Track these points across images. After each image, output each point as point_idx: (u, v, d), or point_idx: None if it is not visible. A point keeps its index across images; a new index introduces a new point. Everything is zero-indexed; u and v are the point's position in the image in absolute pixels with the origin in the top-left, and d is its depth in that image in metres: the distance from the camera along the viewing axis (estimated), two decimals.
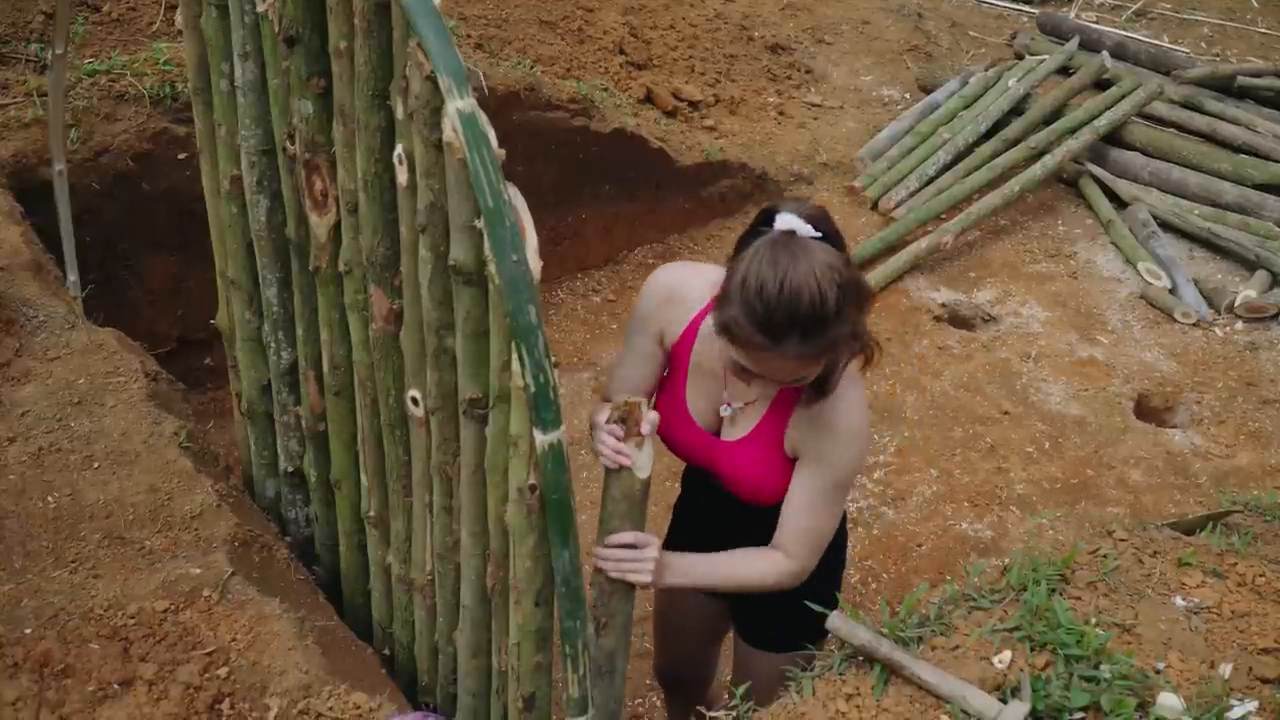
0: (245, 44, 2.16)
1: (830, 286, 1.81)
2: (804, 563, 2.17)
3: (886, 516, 4.21)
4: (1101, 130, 6.10)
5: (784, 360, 1.86)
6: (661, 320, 2.21)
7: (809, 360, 1.89)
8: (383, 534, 2.45)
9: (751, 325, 1.83)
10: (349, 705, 2.15)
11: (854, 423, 2.09)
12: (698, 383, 2.23)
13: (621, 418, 1.92)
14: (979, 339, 5.20)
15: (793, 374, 1.92)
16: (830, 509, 2.16)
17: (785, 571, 2.16)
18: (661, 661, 2.98)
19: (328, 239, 2.19)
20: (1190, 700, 1.83)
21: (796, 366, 1.89)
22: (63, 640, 2.15)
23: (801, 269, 1.81)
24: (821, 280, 1.80)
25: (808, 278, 1.80)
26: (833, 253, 1.86)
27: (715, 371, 2.18)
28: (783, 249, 1.83)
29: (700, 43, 6.45)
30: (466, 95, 1.59)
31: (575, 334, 5.02)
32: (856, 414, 2.09)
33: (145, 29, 4.26)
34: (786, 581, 2.17)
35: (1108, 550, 2.16)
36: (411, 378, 2.09)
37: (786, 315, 1.80)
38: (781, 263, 1.81)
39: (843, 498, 2.18)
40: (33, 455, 2.47)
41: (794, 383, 1.97)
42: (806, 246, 1.84)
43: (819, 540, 2.18)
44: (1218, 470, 4.50)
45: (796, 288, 1.79)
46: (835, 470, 2.12)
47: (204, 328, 3.19)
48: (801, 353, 1.85)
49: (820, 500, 2.14)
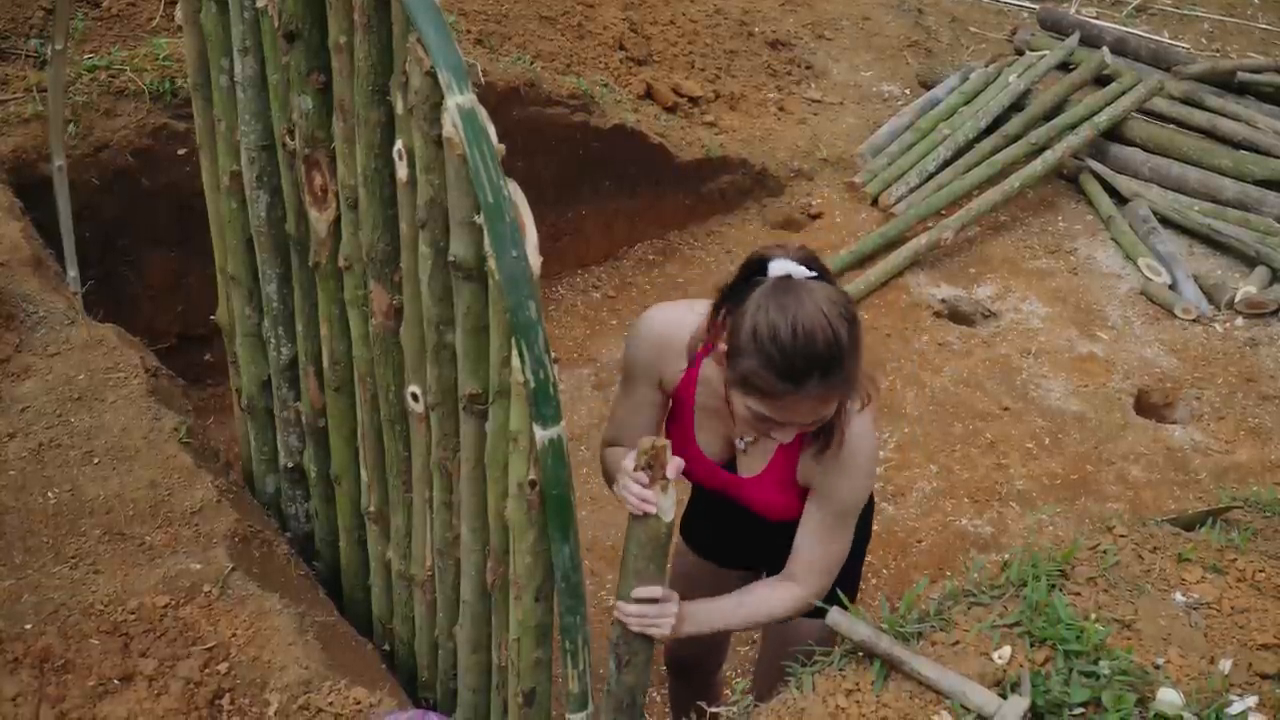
0: (245, 39, 2.16)
1: (840, 322, 1.84)
2: (817, 590, 2.19)
3: (886, 512, 4.21)
4: (1102, 126, 6.10)
5: (806, 401, 1.88)
6: (659, 367, 2.21)
7: (830, 400, 1.92)
8: (383, 529, 2.45)
9: (771, 374, 1.84)
10: (349, 700, 2.15)
11: (860, 458, 2.10)
12: (705, 422, 2.24)
13: (648, 463, 1.90)
14: (979, 335, 5.20)
15: (814, 414, 1.93)
16: (841, 537, 2.19)
17: (800, 599, 2.18)
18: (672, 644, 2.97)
19: (328, 234, 2.19)
20: (1190, 696, 1.83)
21: (817, 406, 1.91)
22: (63, 636, 2.15)
23: (809, 309, 1.82)
24: (831, 317, 1.83)
25: (818, 317, 1.82)
26: (833, 290, 1.89)
27: (722, 410, 2.16)
28: (785, 293, 1.85)
29: (700, 38, 6.44)
30: (466, 91, 1.59)
31: (575, 330, 5.02)
32: (865, 446, 2.10)
33: (145, 24, 4.25)
34: (803, 610, 2.20)
35: (1107, 546, 2.16)
36: (411, 373, 2.09)
37: (805, 358, 1.82)
38: (789, 307, 1.83)
39: (853, 524, 2.20)
40: (33, 451, 2.47)
41: (814, 424, 1.98)
42: (807, 287, 1.86)
43: (831, 567, 2.20)
44: (1217, 466, 4.50)
45: (810, 329, 1.81)
46: (845, 501, 2.15)
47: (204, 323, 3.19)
48: (823, 393, 1.87)
49: (831, 531, 2.17)
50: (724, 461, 2.27)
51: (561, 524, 1.76)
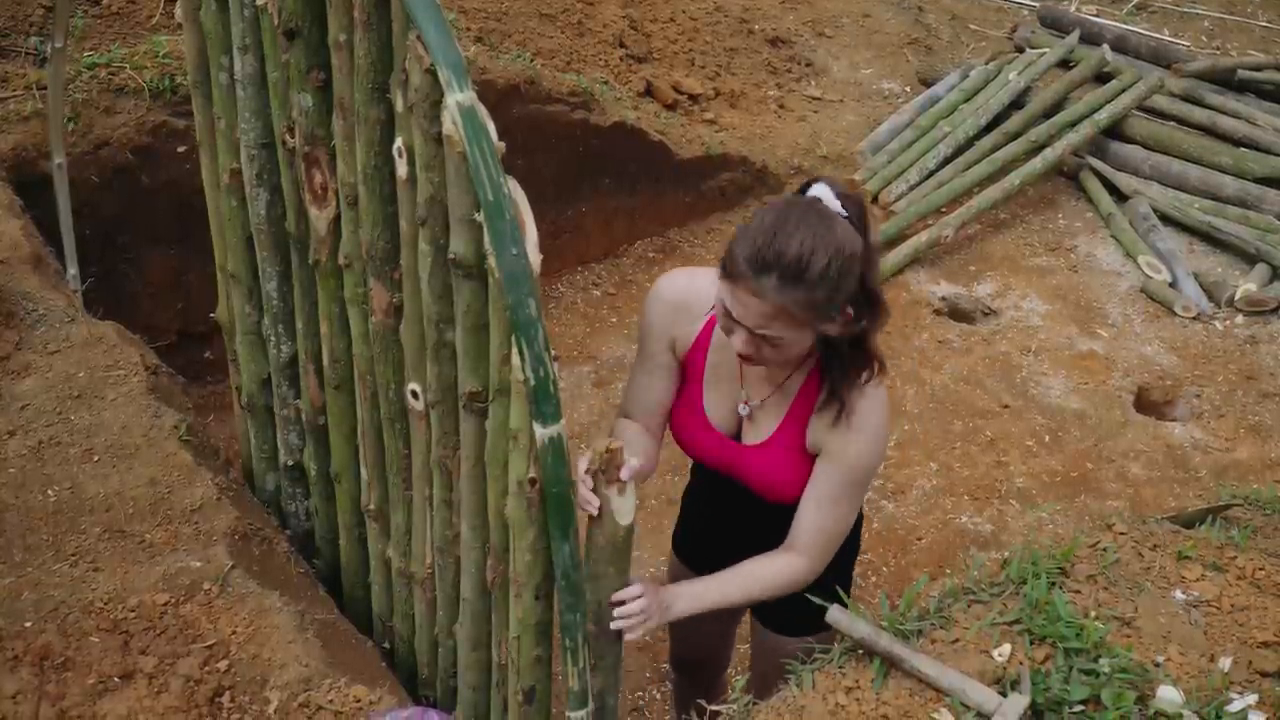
0: (245, 37, 2.16)
1: (822, 251, 1.85)
2: (816, 561, 2.16)
3: (886, 510, 4.21)
4: (1102, 124, 6.10)
5: (758, 301, 1.88)
6: (674, 329, 2.22)
7: (782, 314, 1.89)
8: (383, 527, 2.45)
9: (741, 256, 1.88)
10: (349, 698, 2.15)
11: (873, 421, 2.09)
12: (714, 387, 2.22)
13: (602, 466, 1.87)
14: (979, 333, 5.20)
15: (763, 321, 1.90)
16: (845, 507, 2.16)
17: (798, 571, 2.16)
18: (677, 646, 2.96)
19: (327, 232, 2.19)
20: (1190, 693, 1.83)
21: (769, 313, 1.89)
22: (63, 633, 2.15)
23: (805, 225, 1.87)
24: (817, 242, 1.85)
25: (805, 234, 1.86)
26: (844, 232, 1.90)
27: (732, 373, 2.18)
28: (799, 207, 1.91)
29: (700, 36, 6.44)
30: (466, 88, 1.59)
31: (575, 328, 5.02)
32: (877, 413, 2.09)
33: (145, 22, 4.25)
34: (800, 582, 2.16)
35: (1107, 544, 2.16)
36: (411, 371, 2.09)
37: (773, 254, 1.85)
38: (789, 216, 1.88)
39: (858, 497, 2.17)
40: (33, 449, 2.47)
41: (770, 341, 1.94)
42: (822, 214, 1.90)
43: (832, 539, 2.17)
44: (1217, 464, 4.50)
45: (790, 236, 1.85)
46: (852, 467, 2.11)
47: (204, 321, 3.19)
48: (777, 298, 1.86)
49: (835, 497, 2.14)
50: (731, 433, 2.25)
51: (561, 522, 1.76)
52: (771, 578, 2.16)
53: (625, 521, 1.91)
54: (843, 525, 2.18)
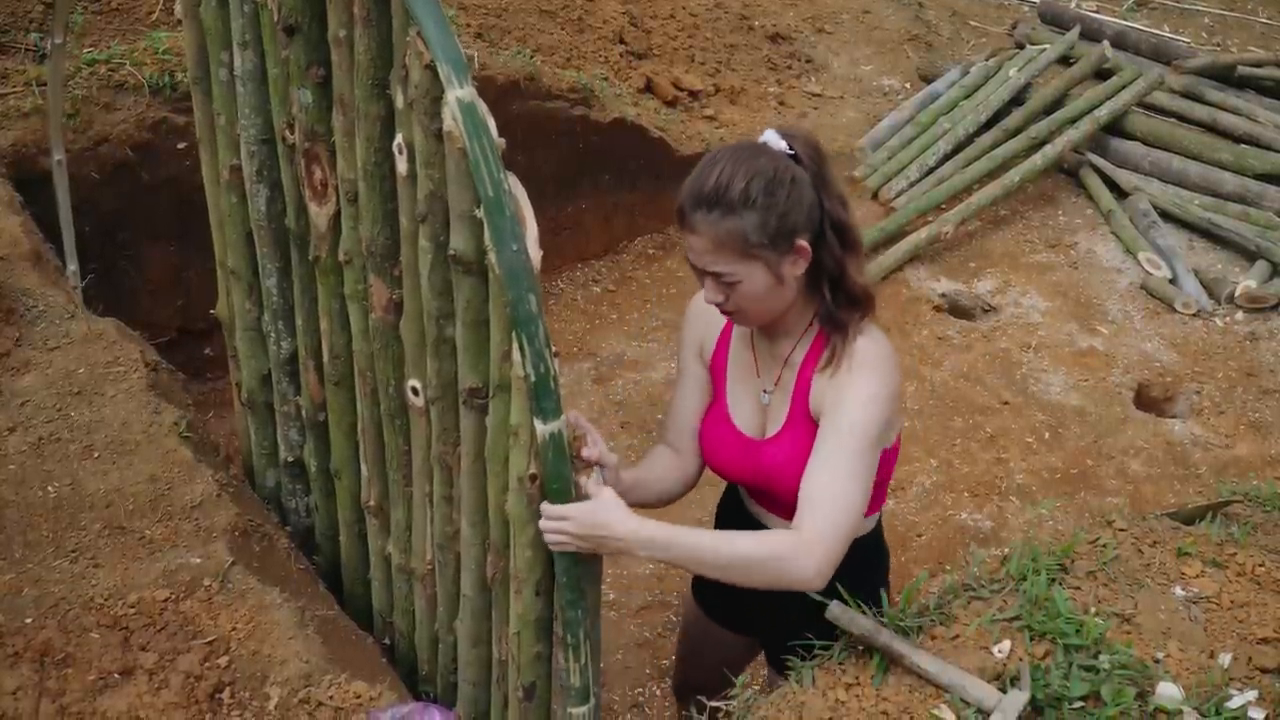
0: (244, 33, 2.16)
1: (741, 175, 1.87)
2: (819, 533, 1.83)
3: (886, 507, 4.19)
4: (1102, 120, 6.09)
5: (697, 238, 1.91)
6: (700, 336, 2.21)
7: (720, 245, 1.89)
8: (383, 524, 2.45)
9: (680, 200, 1.93)
10: (349, 694, 2.15)
11: (870, 361, 1.94)
12: (737, 384, 2.17)
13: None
14: (979, 329, 5.20)
15: (707, 258, 1.91)
16: (844, 468, 1.88)
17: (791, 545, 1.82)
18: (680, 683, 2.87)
19: (327, 229, 2.19)
20: (1189, 690, 1.83)
21: (708, 248, 1.90)
22: (63, 630, 2.15)
23: (730, 158, 1.91)
24: (739, 168, 1.88)
25: (728, 164, 1.89)
26: (773, 159, 1.92)
27: (750, 366, 2.15)
28: (731, 146, 1.95)
29: (700, 32, 6.43)
30: (466, 84, 1.59)
31: (575, 324, 5.02)
32: (873, 352, 1.95)
33: (144, 18, 4.25)
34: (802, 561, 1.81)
35: (1107, 540, 2.16)
36: (411, 367, 2.09)
37: (698, 188, 1.89)
38: (718, 154, 1.93)
39: (860, 459, 1.90)
40: (33, 445, 2.47)
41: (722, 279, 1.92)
42: (753, 148, 1.94)
43: (835, 509, 1.86)
44: (1217, 460, 4.50)
45: (712, 167, 1.90)
46: (849, 415, 1.90)
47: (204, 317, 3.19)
48: (709, 232, 1.88)
49: (834, 457, 1.90)
50: (757, 433, 2.13)
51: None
52: (755, 544, 1.84)
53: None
54: (847, 494, 1.88)
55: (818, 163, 1.97)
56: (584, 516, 1.80)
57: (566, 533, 1.81)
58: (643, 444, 4.35)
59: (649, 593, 3.75)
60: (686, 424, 2.22)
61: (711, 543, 1.86)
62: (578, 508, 1.80)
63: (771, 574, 1.83)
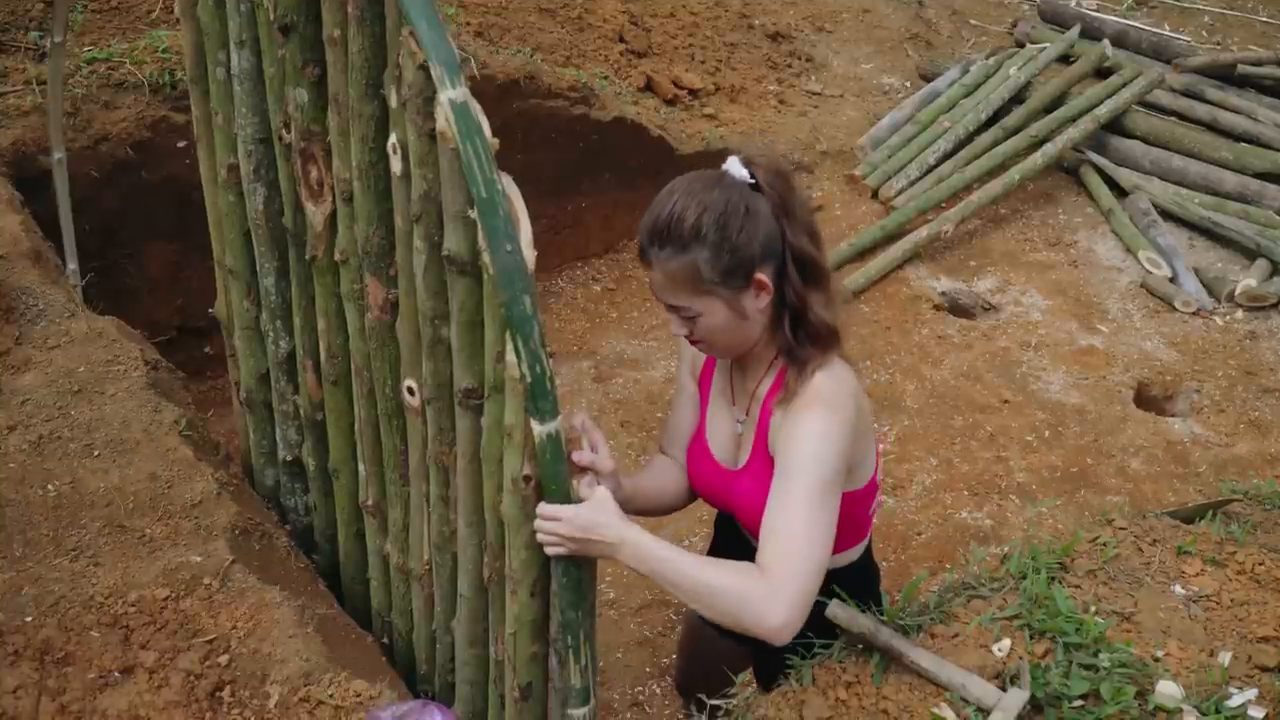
0: (241, 32, 2.16)
1: (693, 209, 1.85)
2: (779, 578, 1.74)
3: (886, 505, 4.21)
4: (1102, 118, 6.09)
5: (653, 274, 1.91)
6: (694, 353, 2.21)
7: (674, 280, 1.88)
8: (381, 523, 2.45)
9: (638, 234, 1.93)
10: (349, 692, 2.15)
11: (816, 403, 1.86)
12: (715, 411, 2.17)
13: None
14: (979, 327, 5.20)
15: (665, 293, 1.92)
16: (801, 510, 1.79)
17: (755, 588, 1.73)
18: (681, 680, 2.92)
19: (324, 228, 2.18)
20: (1189, 688, 1.83)
21: (664, 283, 1.90)
22: (63, 628, 2.15)
23: (685, 191, 1.88)
24: (691, 202, 1.85)
25: (681, 197, 1.87)
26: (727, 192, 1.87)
27: (729, 395, 2.14)
28: (687, 178, 1.92)
29: (700, 30, 6.43)
30: (459, 85, 1.59)
31: (575, 322, 5.02)
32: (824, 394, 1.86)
33: (144, 17, 4.25)
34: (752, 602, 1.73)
35: (1107, 539, 2.16)
36: (407, 367, 2.09)
37: (650, 225, 1.89)
38: (674, 188, 1.90)
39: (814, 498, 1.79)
40: (33, 443, 2.47)
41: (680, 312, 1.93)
42: (707, 179, 1.90)
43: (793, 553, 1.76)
44: (1217, 459, 4.50)
45: (664, 202, 1.88)
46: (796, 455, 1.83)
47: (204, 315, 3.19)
48: (664, 268, 1.87)
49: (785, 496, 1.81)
50: (730, 461, 2.12)
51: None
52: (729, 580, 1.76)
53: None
54: (805, 536, 1.77)
55: (782, 191, 1.91)
56: (576, 518, 1.77)
57: (557, 534, 1.79)
58: (643, 442, 4.35)
59: (649, 591, 3.74)
60: (683, 437, 2.23)
61: (689, 566, 1.79)
62: (571, 509, 1.78)
63: (733, 613, 1.75)
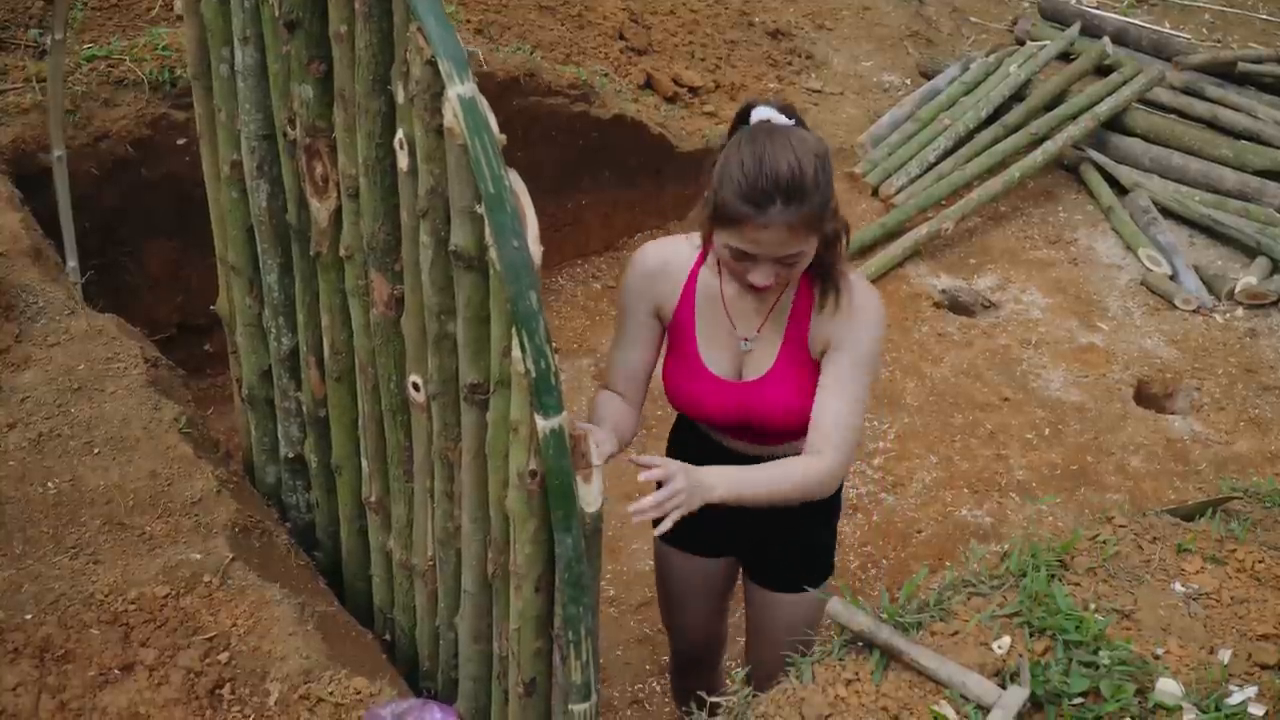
0: (245, 29, 2.16)
1: (807, 157, 1.97)
2: (841, 456, 2.17)
3: (886, 502, 4.21)
4: (1102, 116, 6.09)
5: (771, 231, 1.98)
6: (656, 294, 2.30)
7: (796, 231, 1.99)
8: (384, 519, 2.45)
9: (738, 199, 1.98)
10: (349, 690, 2.15)
11: (871, 304, 2.20)
12: (708, 336, 2.29)
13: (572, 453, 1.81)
14: (979, 325, 5.20)
15: (783, 246, 2.01)
16: (861, 393, 2.20)
17: (824, 471, 2.16)
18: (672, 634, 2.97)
19: (328, 224, 2.19)
20: (1189, 686, 1.84)
21: (785, 237, 1.99)
22: (63, 626, 2.15)
23: (779, 144, 1.98)
24: (798, 152, 1.97)
25: (785, 151, 1.97)
26: (809, 136, 2.03)
27: (721, 318, 2.26)
28: (760, 133, 2.01)
29: (701, 28, 6.43)
30: (467, 80, 1.59)
31: (575, 320, 5.02)
32: (870, 292, 2.22)
33: (144, 14, 4.25)
34: (826, 483, 2.17)
35: (1107, 536, 2.16)
36: (412, 363, 2.09)
37: (770, 183, 1.95)
38: (760, 141, 1.99)
39: (867, 385, 2.21)
40: (33, 441, 2.47)
41: (787, 262, 2.04)
42: (781, 129, 2.02)
43: (853, 430, 2.19)
44: (1217, 457, 4.51)
45: (775, 158, 1.96)
46: (863, 348, 2.18)
47: (204, 313, 3.19)
48: (787, 220, 1.97)
49: (851, 383, 2.18)
50: (732, 376, 2.30)
51: (564, 514, 1.76)
52: (801, 478, 2.16)
53: (593, 509, 1.88)
54: (860, 414, 2.21)
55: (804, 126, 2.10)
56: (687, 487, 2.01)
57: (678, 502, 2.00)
58: (643, 440, 4.35)
59: (649, 589, 3.74)
60: (635, 375, 2.33)
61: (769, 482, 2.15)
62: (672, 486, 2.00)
63: (812, 494, 2.18)
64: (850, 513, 4.13)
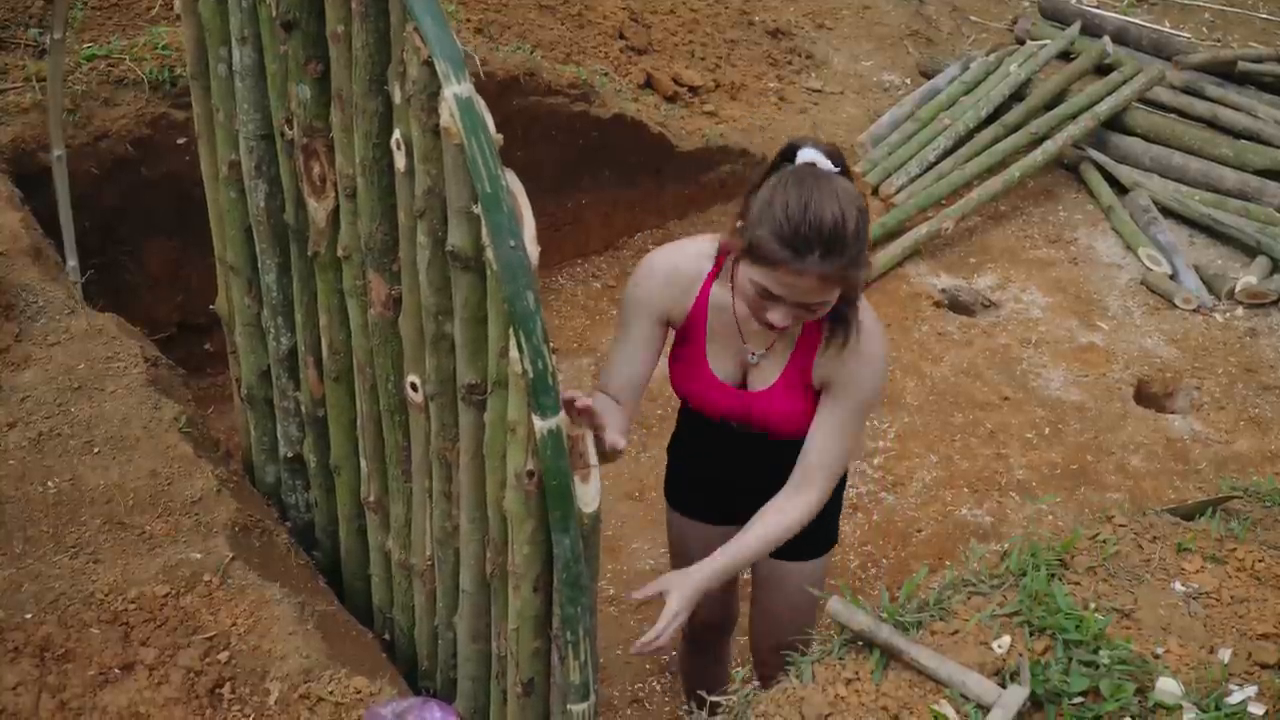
0: (243, 29, 2.16)
1: (850, 209, 1.95)
2: (826, 490, 2.29)
3: (886, 502, 4.21)
4: (1102, 116, 6.08)
5: (805, 279, 1.96)
6: (665, 301, 2.29)
7: (829, 281, 1.98)
8: (382, 519, 2.45)
9: (777, 242, 1.94)
10: (349, 689, 2.15)
11: (876, 348, 2.22)
12: (717, 344, 2.31)
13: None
14: (979, 325, 5.20)
15: (811, 295, 2.00)
16: (854, 434, 2.29)
17: (812, 506, 2.27)
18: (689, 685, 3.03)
19: (326, 224, 2.18)
20: (1189, 685, 1.84)
21: (816, 286, 1.98)
22: (63, 625, 2.15)
23: (825, 193, 1.95)
24: (843, 203, 1.95)
25: (831, 200, 1.94)
26: (851, 186, 2.02)
27: (732, 331, 2.28)
28: (808, 177, 1.99)
29: (701, 27, 6.43)
30: (464, 80, 1.59)
31: (575, 320, 5.02)
32: (877, 340, 2.23)
33: (144, 13, 4.24)
34: (807, 519, 2.28)
35: (1107, 535, 2.16)
36: (410, 363, 2.09)
37: (812, 231, 1.92)
38: (807, 186, 1.96)
39: (863, 425, 2.32)
40: (33, 440, 2.47)
41: (811, 308, 2.05)
42: (827, 176, 2.00)
43: (840, 466, 2.30)
44: (1217, 456, 4.50)
45: (820, 207, 1.93)
46: (861, 394, 2.24)
47: (204, 312, 3.19)
48: (822, 271, 1.95)
49: (846, 425, 2.26)
50: (735, 383, 2.35)
51: (562, 515, 1.76)
52: (785, 529, 2.27)
53: (591, 509, 1.87)
54: (849, 452, 2.32)
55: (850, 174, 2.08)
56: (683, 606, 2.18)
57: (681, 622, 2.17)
58: (643, 439, 4.35)
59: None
60: (633, 382, 2.33)
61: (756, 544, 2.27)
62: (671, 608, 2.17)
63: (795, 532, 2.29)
64: (850, 512, 4.12)
